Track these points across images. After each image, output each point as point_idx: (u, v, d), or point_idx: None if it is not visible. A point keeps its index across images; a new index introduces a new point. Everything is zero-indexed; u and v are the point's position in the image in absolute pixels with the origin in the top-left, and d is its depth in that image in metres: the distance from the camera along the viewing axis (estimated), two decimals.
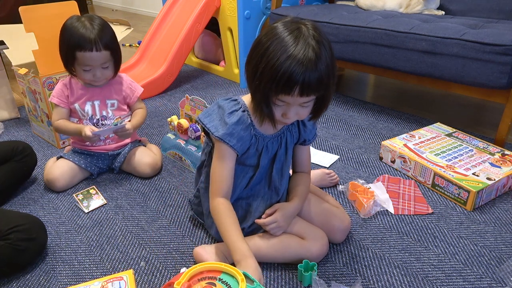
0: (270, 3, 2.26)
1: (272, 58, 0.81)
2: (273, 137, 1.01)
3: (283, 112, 0.90)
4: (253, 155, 1.01)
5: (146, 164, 1.42)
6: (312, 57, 0.80)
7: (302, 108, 0.89)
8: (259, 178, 1.05)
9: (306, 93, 0.84)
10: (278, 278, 0.99)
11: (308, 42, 0.81)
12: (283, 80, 0.81)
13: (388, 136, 1.71)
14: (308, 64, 0.80)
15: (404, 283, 0.97)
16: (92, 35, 1.27)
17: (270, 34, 0.84)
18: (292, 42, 0.81)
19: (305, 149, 1.11)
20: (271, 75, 0.82)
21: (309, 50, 0.80)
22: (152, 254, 1.09)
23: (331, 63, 0.84)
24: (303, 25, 0.84)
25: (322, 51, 0.82)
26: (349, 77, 2.61)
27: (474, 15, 1.94)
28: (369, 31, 1.73)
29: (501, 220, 1.19)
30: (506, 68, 1.40)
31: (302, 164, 1.12)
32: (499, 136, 1.54)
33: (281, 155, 1.04)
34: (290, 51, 0.80)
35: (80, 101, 1.40)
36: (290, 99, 0.85)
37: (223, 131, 0.94)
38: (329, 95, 0.90)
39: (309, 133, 1.06)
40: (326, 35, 0.87)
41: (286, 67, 0.80)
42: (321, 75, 0.82)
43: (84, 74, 1.34)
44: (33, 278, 1.02)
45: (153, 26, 2.52)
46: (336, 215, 1.07)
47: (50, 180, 1.35)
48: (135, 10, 5.11)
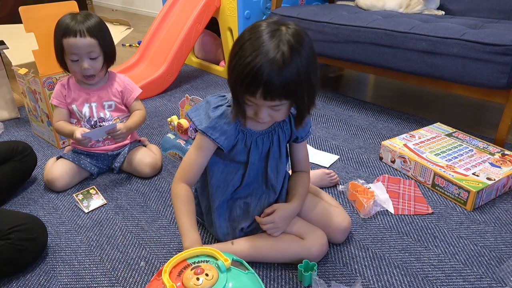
0: (270, 3, 2.26)
1: (242, 57, 0.81)
2: (263, 134, 1.00)
3: (254, 111, 0.89)
4: (242, 151, 1.01)
5: (146, 164, 1.42)
6: (278, 62, 0.78)
7: (274, 111, 0.87)
8: (253, 175, 1.04)
9: (269, 97, 0.81)
10: (278, 278, 0.99)
11: (280, 46, 0.79)
12: (246, 81, 0.80)
13: (388, 136, 1.71)
14: (272, 68, 0.78)
15: (404, 283, 0.97)
16: (76, 22, 1.29)
17: (251, 31, 0.83)
18: (264, 44, 0.79)
19: (301, 147, 1.09)
20: (237, 74, 0.82)
21: (277, 54, 0.78)
22: (152, 254, 1.09)
23: (305, 72, 0.81)
24: (285, 27, 0.82)
25: (293, 58, 0.79)
26: (349, 77, 2.61)
27: (474, 15, 1.94)
28: (369, 31, 1.73)
29: (501, 220, 1.19)
30: (506, 68, 1.40)
31: (299, 162, 1.11)
32: (499, 136, 1.54)
33: (274, 152, 1.03)
34: (258, 53, 0.78)
35: (77, 102, 1.41)
36: (256, 101, 0.84)
37: (206, 124, 0.96)
38: (303, 103, 0.87)
39: (302, 130, 1.03)
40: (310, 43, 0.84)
41: (250, 68, 0.79)
42: (285, 81, 0.79)
43: (73, 66, 1.33)
44: (33, 278, 1.02)
45: (153, 26, 2.52)
46: (336, 215, 1.07)
47: (50, 180, 1.35)
48: (135, 10, 5.11)
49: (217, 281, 0.72)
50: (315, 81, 0.85)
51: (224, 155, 1.02)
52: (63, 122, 1.40)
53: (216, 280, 0.72)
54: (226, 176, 1.03)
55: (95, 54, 1.32)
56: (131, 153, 1.45)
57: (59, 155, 1.42)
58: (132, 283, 0.99)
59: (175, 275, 0.74)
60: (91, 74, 1.35)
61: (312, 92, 0.87)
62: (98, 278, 1.01)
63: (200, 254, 0.80)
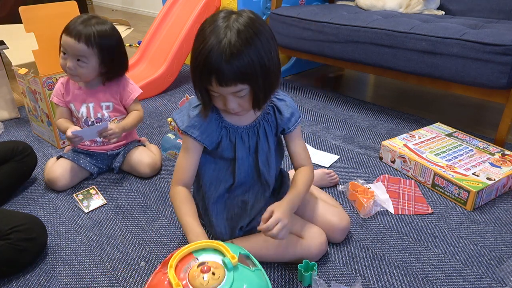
0: (270, 3, 2.26)
1: (194, 47, 0.84)
2: (247, 128, 1.00)
3: (223, 103, 0.89)
4: (227, 147, 1.00)
5: (146, 164, 1.42)
6: (224, 48, 0.79)
7: (240, 98, 0.88)
8: (244, 171, 1.03)
9: (224, 83, 0.83)
10: (278, 278, 0.99)
11: (227, 33, 0.80)
12: (198, 70, 0.83)
13: (388, 136, 1.71)
14: (219, 55, 0.80)
15: (404, 283, 0.97)
16: (81, 25, 1.28)
17: (205, 22, 0.85)
18: (213, 33, 0.81)
19: (294, 139, 1.06)
20: (192, 64, 0.85)
21: (224, 41, 0.80)
22: (152, 254, 1.09)
23: (256, 56, 0.82)
24: (236, 15, 0.84)
25: (242, 43, 0.80)
26: (349, 77, 2.61)
27: (474, 15, 1.94)
28: (369, 31, 1.73)
29: (501, 220, 1.19)
30: (506, 68, 1.40)
31: (296, 156, 1.07)
32: (499, 136, 1.54)
33: (262, 146, 1.02)
34: (206, 42, 0.81)
35: (75, 102, 1.41)
36: (215, 89, 0.85)
37: (186, 123, 0.97)
38: (258, 86, 0.86)
39: (287, 121, 1.02)
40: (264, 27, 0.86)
41: (200, 57, 0.82)
42: (235, 66, 0.81)
43: (61, 59, 1.33)
44: (33, 278, 1.02)
45: (153, 26, 2.52)
46: (335, 215, 1.07)
47: (51, 179, 1.35)
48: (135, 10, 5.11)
49: (224, 280, 0.71)
50: (270, 63, 0.85)
51: (212, 153, 1.02)
52: (62, 120, 1.41)
53: (223, 279, 0.71)
54: (217, 174, 1.04)
55: (84, 59, 1.30)
56: (130, 153, 1.45)
57: (59, 154, 1.42)
58: (132, 283, 0.99)
59: (181, 269, 0.73)
60: (73, 74, 1.33)
61: (267, 74, 0.86)
62: (98, 278, 1.01)
63: (207, 247, 0.78)
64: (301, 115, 1.05)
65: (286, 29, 2.04)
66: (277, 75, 0.91)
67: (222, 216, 1.05)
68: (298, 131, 1.06)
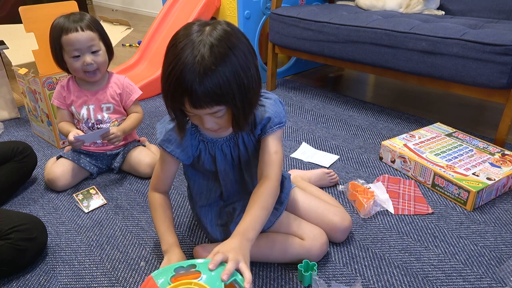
0: (270, 3, 2.26)
1: (165, 65, 0.77)
2: (227, 140, 0.96)
3: (199, 121, 0.84)
4: (208, 161, 0.98)
5: (146, 164, 1.42)
6: (197, 69, 0.73)
7: (218, 118, 0.82)
8: (230, 182, 1.02)
9: (199, 106, 0.76)
10: (278, 278, 0.99)
11: (200, 51, 0.73)
12: (170, 92, 0.77)
13: (388, 136, 1.71)
14: (191, 76, 0.73)
15: (404, 283, 0.97)
16: (72, 19, 1.30)
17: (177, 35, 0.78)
18: (184, 50, 0.74)
19: (265, 144, 0.93)
20: (163, 85, 0.79)
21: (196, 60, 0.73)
22: (152, 254, 1.09)
23: (233, 74, 0.75)
24: (210, 28, 0.77)
25: (216, 62, 0.73)
26: (349, 77, 2.61)
27: (474, 15, 1.94)
28: (369, 31, 1.73)
29: (501, 220, 1.19)
30: (506, 68, 1.40)
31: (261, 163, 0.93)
32: (499, 136, 1.54)
33: (244, 156, 0.98)
34: (177, 61, 0.74)
35: (76, 104, 1.41)
36: (190, 110, 0.79)
37: (161, 137, 0.95)
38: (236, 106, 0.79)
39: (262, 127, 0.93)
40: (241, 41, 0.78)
41: (171, 79, 0.75)
42: (209, 88, 0.74)
43: (75, 63, 1.32)
44: (33, 278, 1.02)
45: (153, 26, 2.51)
46: (336, 215, 1.07)
47: (51, 179, 1.35)
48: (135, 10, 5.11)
49: None
50: (249, 81, 0.78)
51: (196, 166, 1.01)
52: (64, 123, 1.42)
53: None
54: (207, 183, 1.04)
55: (95, 47, 1.32)
56: (130, 153, 1.45)
57: (58, 154, 1.42)
58: (132, 283, 0.99)
59: None
60: (94, 69, 1.34)
61: (246, 94, 0.79)
62: (98, 278, 1.01)
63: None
64: (283, 122, 0.94)
65: (286, 29, 2.04)
66: (257, 91, 0.84)
67: (215, 222, 1.06)
68: (273, 136, 0.93)
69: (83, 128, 1.42)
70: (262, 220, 0.86)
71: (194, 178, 1.04)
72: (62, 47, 1.31)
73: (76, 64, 1.32)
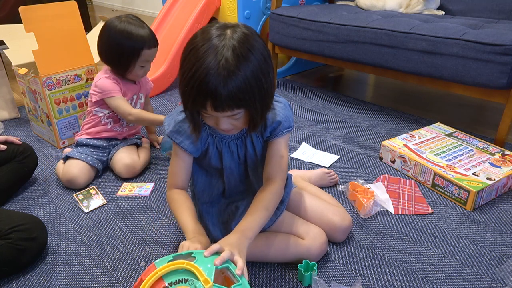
0: (270, 3, 2.26)
1: (186, 69, 0.77)
2: (235, 138, 0.96)
3: (214, 122, 0.84)
4: (215, 156, 0.98)
5: (123, 164, 1.42)
6: (221, 72, 0.73)
7: (234, 120, 0.83)
8: (234, 180, 1.02)
9: (221, 109, 0.77)
10: (278, 278, 0.99)
11: (223, 54, 0.74)
12: (192, 95, 0.77)
13: (388, 136, 1.71)
14: (216, 79, 0.73)
15: (404, 283, 0.97)
16: (150, 33, 1.40)
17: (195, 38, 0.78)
18: (206, 54, 0.74)
19: (273, 146, 0.96)
20: (183, 88, 0.78)
21: (220, 64, 0.73)
22: (152, 254, 1.09)
23: (254, 78, 0.76)
24: (231, 31, 0.77)
25: (238, 65, 0.74)
26: (349, 77, 2.61)
27: (474, 15, 1.94)
28: (369, 31, 1.73)
29: (501, 220, 1.19)
30: (506, 68, 1.40)
31: (267, 165, 0.96)
32: (499, 136, 1.54)
33: (251, 156, 0.98)
34: (200, 64, 0.74)
35: (126, 95, 1.47)
36: (210, 113, 0.80)
37: (170, 128, 0.95)
38: (255, 109, 0.81)
39: (271, 130, 0.94)
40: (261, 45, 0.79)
41: (193, 82, 0.75)
42: (233, 91, 0.75)
43: (140, 70, 1.43)
44: (33, 278, 1.02)
45: (153, 26, 2.51)
46: (336, 214, 1.07)
47: (71, 178, 1.36)
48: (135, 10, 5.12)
49: None
50: (267, 85, 0.80)
51: (202, 162, 1.01)
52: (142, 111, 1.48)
53: None
54: (210, 180, 1.03)
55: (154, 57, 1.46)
56: (119, 150, 1.46)
57: (65, 155, 1.43)
58: (132, 283, 0.99)
59: None
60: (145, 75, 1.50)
61: (265, 97, 0.82)
62: (98, 278, 1.01)
63: (179, 269, 0.72)
64: (291, 126, 0.96)
65: (286, 29, 2.04)
66: (273, 94, 0.87)
67: (216, 220, 1.06)
68: (281, 140, 0.96)
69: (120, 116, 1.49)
70: (263, 221, 0.90)
71: (197, 174, 1.04)
72: (140, 56, 1.38)
73: (140, 71, 1.44)
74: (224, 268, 0.73)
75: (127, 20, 1.38)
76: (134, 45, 1.35)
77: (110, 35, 1.37)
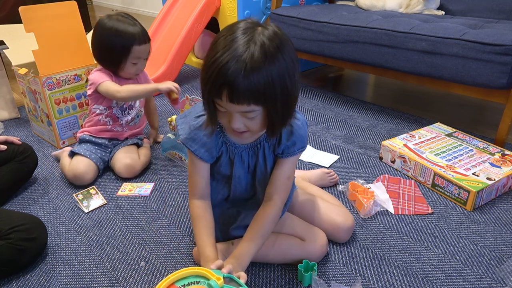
0: (270, 3, 2.26)
1: (210, 55, 0.76)
2: (248, 148, 0.95)
3: (228, 119, 0.82)
4: (226, 164, 0.97)
5: (122, 164, 1.42)
6: (244, 62, 0.72)
7: (248, 119, 0.80)
8: (240, 189, 1.02)
9: (236, 100, 0.75)
10: (278, 278, 0.99)
11: (250, 46, 0.73)
12: (211, 80, 0.75)
13: (388, 136, 1.71)
14: (237, 67, 0.72)
15: (404, 283, 0.97)
16: (138, 28, 1.38)
17: (226, 29, 0.78)
18: (234, 42, 0.73)
19: (282, 165, 0.95)
20: (204, 72, 0.77)
21: (245, 54, 0.72)
22: (152, 254, 1.09)
23: (278, 77, 0.75)
24: (262, 28, 0.77)
25: (264, 60, 0.73)
26: (349, 77, 2.61)
27: (474, 15, 1.94)
28: (369, 31, 1.73)
29: (501, 220, 1.19)
30: (506, 68, 1.40)
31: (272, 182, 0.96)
32: (499, 136, 1.54)
33: (260, 167, 0.97)
34: (225, 51, 0.73)
35: None
36: (224, 104, 0.77)
37: (185, 135, 0.93)
38: (275, 111, 0.79)
39: (285, 148, 0.94)
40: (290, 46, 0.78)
41: (215, 66, 0.73)
42: (252, 84, 0.73)
43: (132, 68, 1.42)
44: (33, 278, 1.02)
45: (153, 26, 2.51)
46: (339, 215, 1.07)
47: (78, 174, 1.37)
48: (135, 10, 5.11)
49: None
50: (292, 87, 0.78)
51: (212, 167, 1.00)
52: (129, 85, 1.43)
53: None
54: (216, 185, 1.02)
55: (148, 54, 1.44)
56: (119, 150, 1.46)
57: (70, 150, 1.44)
58: (132, 283, 0.99)
59: None
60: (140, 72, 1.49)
61: (288, 100, 0.79)
62: (98, 278, 1.01)
63: (189, 275, 0.76)
64: (305, 146, 0.96)
65: (286, 29, 2.04)
66: (296, 100, 0.83)
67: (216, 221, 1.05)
68: (291, 159, 0.96)
69: (116, 112, 1.48)
70: (258, 249, 0.91)
71: None
72: (130, 53, 1.37)
73: (133, 69, 1.42)
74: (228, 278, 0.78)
75: (117, 18, 1.37)
76: (123, 42, 1.35)
77: (100, 34, 1.38)
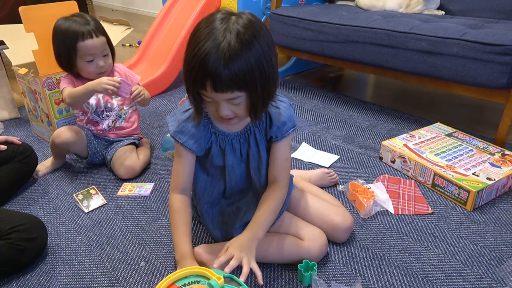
0: (270, 3, 2.26)
1: (188, 50, 0.80)
2: (238, 135, 0.97)
3: (215, 108, 0.85)
4: (217, 154, 0.99)
5: (122, 165, 1.42)
6: (223, 52, 0.75)
7: (235, 105, 0.84)
8: (235, 178, 1.02)
9: (220, 89, 0.78)
10: (278, 278, 0.99)
11: (226, 36, 0.76)
12: (193, 74, 0.78)
13: (388, 136, 1.71)
14: (217, 59, 0.75)
15: (404, 283, 0.97)
16: (87, 25, 1.33)
17: (202, 22, 0.81)
18: (210, 35, 0.76)
19: (277, 147, 0.98)
20: (186, 68, 0.81)
21: (222, 44, 0.75)
22: (152, 254, 1.09)
23: (256, 62, 0.78)
24: (236, 17, 0.79)
25: (241, 47, 0.76)
26: (349, 77, 2.61)
27: (474, 15, 1.94)
28: (369, 31, 1.73)
29: (501, 220, 1.19)
30: (506, 68, 1.40)
31: (272, 166, 0.99)
32: (499, 136, 1.54)
33: (253, 154, 0.99)
34: (203, 44, 0.76)
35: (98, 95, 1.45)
36: (210, 94, 0.81)
37: (174, 128, 0.95)
38: (256, 94, 0.82)
39: (276, 130, 0.96)
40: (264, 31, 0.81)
41: (195, 61, 0.77)
42: (233, 72, 0.76)
43: (88, 67, 1.37)
44: (33, 278, 1.02)
45: (153, 26, 2.51)
46: (338, 214, 1.07)
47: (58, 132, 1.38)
48: (135, 10, 5.11)
49: None
50: (269, 70, 0.81)
51: (204, 161, 1.01)
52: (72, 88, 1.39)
53: None
54: (211, 180, 1.03)
55: (106, 51, 1.38)
56: (118, 151, 1.46)
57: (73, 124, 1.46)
58: (132, 283, 0.99)
59: None
60: (105, 70, 1.40)
61: (266, 82, 0.82)
62: (98, 278, 1.01)
63: (190, 275, 0.77)
64: (296, 125, 0.98)
65: (286, 29, 2.04)
66: (276, 83, 0.87)
67: (217, 220, 1.06)
68: (286, 141, 0.98)
69: (92, 117, 1.46)
70: (271, 222, 0.96)
71: (198, 174, 1.04)
72: (77, 51, 1.33)
73: (90, 68, 1.37)
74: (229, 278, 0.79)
75: (71, 19, 1.35)
76: (66, 41, 1.33)
77: (53, 37, 1.37)
